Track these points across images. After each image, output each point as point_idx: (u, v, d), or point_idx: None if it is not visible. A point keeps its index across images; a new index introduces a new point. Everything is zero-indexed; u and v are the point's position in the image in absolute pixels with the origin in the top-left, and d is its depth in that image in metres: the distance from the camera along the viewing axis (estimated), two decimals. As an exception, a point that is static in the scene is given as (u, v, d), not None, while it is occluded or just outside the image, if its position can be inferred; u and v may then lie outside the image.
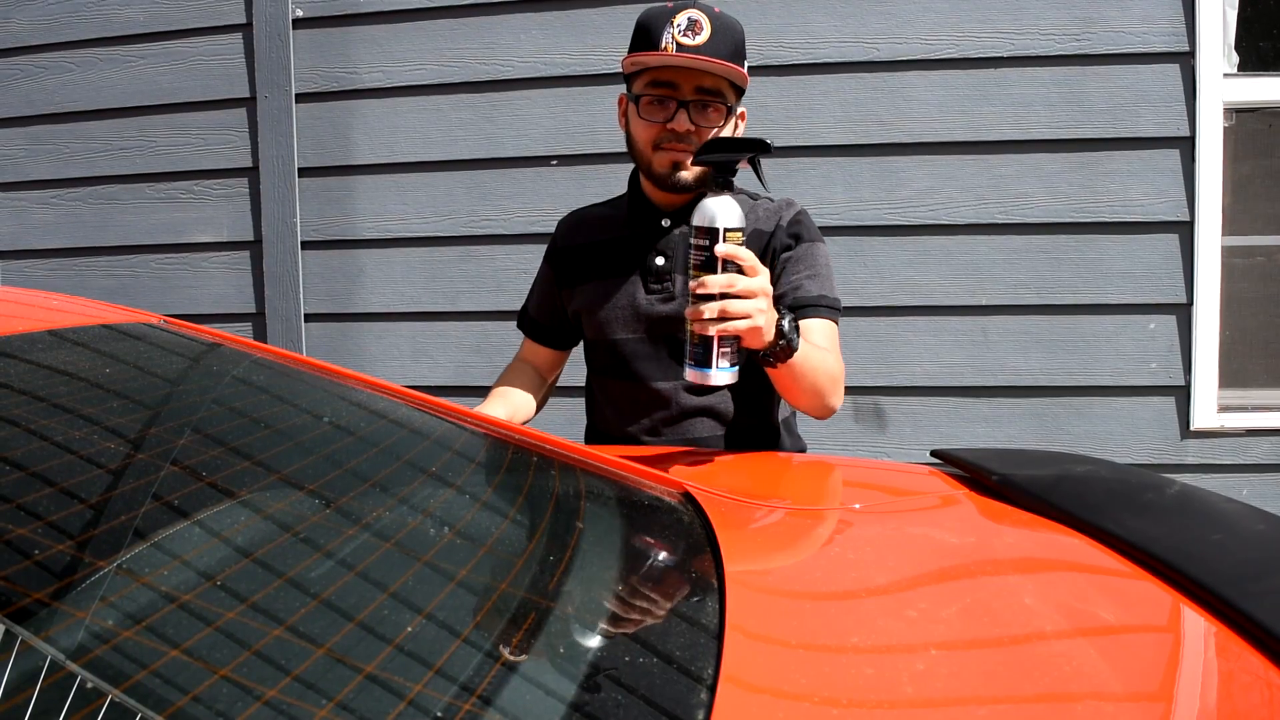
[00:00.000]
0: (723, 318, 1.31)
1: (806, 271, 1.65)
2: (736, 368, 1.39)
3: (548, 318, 1.88)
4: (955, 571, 1.09)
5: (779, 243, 1.67)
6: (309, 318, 3.06)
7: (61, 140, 3.20)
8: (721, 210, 1.34)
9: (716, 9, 1.59)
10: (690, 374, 1.40)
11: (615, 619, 0.87)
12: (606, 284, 1.75)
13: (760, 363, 1.44)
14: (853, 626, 0.92)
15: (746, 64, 1.64)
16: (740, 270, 1.33)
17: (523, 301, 1.96)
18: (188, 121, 3.12)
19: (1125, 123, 2.60)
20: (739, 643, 0.82)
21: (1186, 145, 2.58)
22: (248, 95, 3.05)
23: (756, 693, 0.76)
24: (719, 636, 0.83)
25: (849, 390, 2.73)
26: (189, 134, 3.12)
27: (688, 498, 1.26)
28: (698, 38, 1.54)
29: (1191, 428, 2.64)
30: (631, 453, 1.50)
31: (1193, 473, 2.63)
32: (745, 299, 1.32)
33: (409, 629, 0.76)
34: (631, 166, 1.76)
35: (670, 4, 1.60)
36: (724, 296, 1.31)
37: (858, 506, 1.31)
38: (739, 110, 1.68)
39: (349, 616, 0.75)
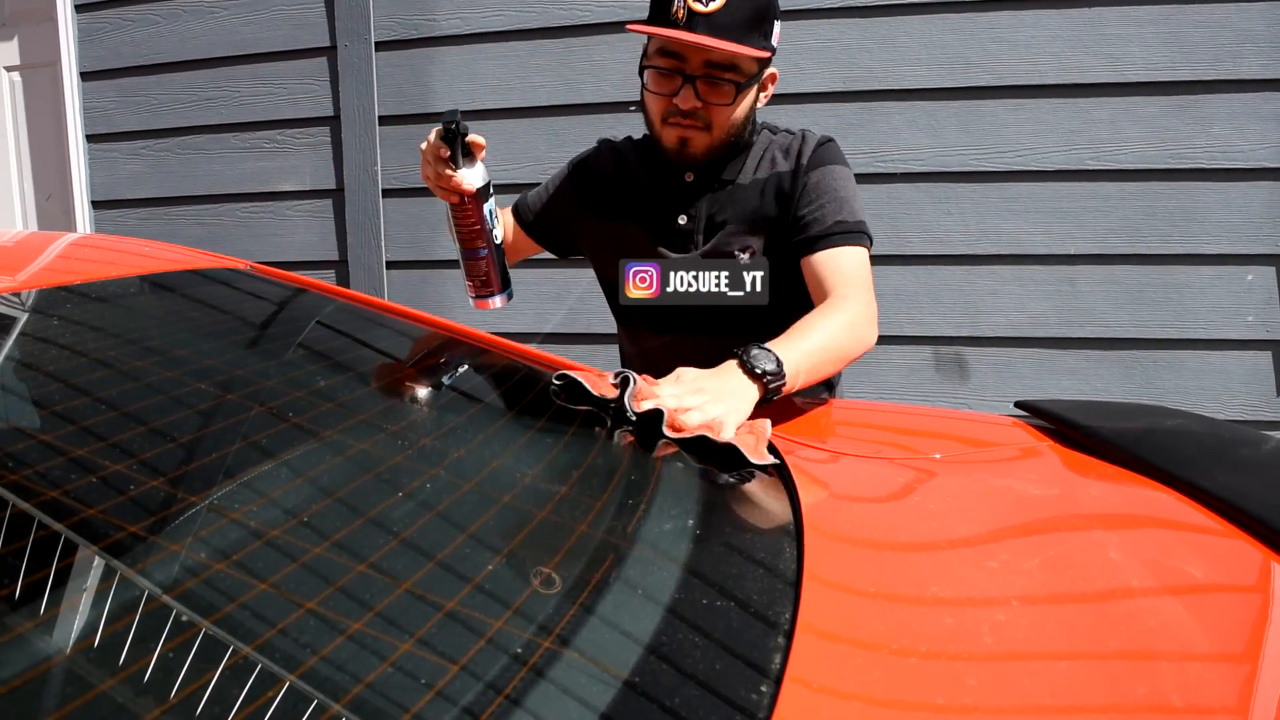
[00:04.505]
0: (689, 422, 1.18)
1: (819, 200, 1.55)
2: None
3: (547, 219, 1.81)
4: (1038, 524, 1.07)
5: (800, 182, 1.58)
6: (391, 264, 3.11)
7: (149, 92, 3.27)
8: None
9: None
10: None
11: (692, 564, 0.87)
12: (628, 229, 1.68)
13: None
14: (932, 576, 0.91)
15: (777, 25, 1.52)
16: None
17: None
18: (270, 72, 3.16)
19: (1226, 64, 2.49)
20: (816, 591, 0.82)
21: (1293, 87, 2.47)
22: (328, 44, 3.08)
23: (834, 641, 0.76)
24: (796, 584, 0.83)
25: (929, 340, 2.71)
26: (272, 84, 3.16)
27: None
28: (712, 2, 1.42)
29: (1289, 383, 2.55)
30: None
31: (1289, 429, 2.55)
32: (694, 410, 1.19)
33: (490, 567, 0.77)
34: None
35: None
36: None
37: (938, 456, 1.29)
38: (766, 75, 1.57)
39: (429, 555, 0.76)
